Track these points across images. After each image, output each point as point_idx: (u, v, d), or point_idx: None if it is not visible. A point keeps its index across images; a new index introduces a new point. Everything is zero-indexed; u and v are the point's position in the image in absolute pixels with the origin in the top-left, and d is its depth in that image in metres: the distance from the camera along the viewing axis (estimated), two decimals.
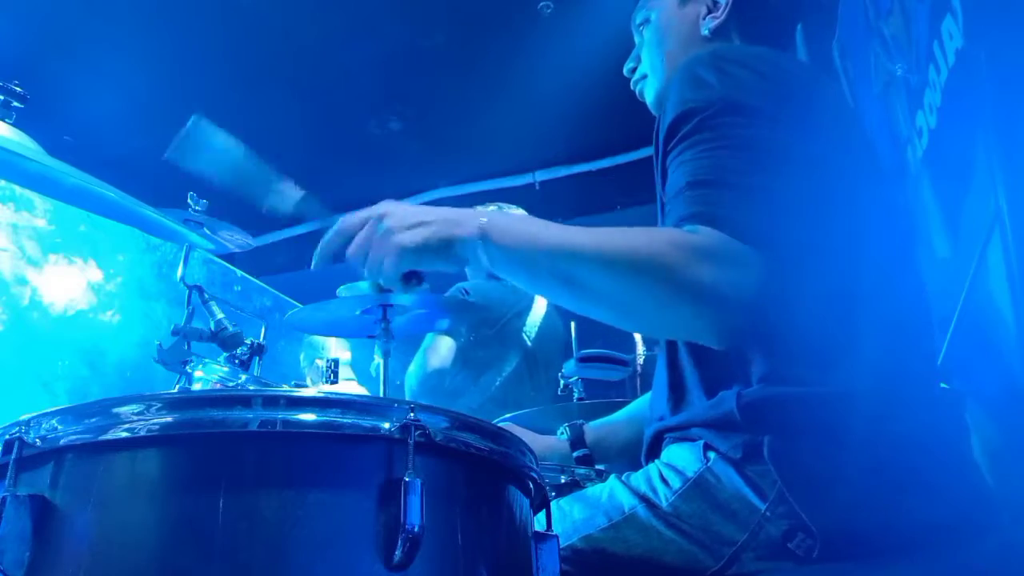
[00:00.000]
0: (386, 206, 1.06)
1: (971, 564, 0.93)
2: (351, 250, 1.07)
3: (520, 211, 3.15)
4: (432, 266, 1.04)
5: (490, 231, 1.00)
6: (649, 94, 1.38)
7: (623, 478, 1.09)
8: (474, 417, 0.84)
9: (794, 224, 0.99)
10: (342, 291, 2.05)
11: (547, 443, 1.59)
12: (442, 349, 3.06)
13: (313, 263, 1.12)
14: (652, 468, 1.07)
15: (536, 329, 3.25)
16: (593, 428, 1.61)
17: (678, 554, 0.98)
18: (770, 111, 1.02)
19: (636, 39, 1.40)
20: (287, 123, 4.01)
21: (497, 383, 3.12)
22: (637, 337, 2.73)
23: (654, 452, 1.12)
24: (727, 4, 1.28)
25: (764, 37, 1.26)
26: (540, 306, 3.24)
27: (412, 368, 3.09)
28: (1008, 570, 0.93)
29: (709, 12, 1.28)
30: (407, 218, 1.03)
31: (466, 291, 3.01)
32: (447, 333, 3.05)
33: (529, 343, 3.22)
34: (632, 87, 1.41)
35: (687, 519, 0.99)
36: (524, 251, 1.00)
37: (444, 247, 1.01)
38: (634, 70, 1.39)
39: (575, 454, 1.60)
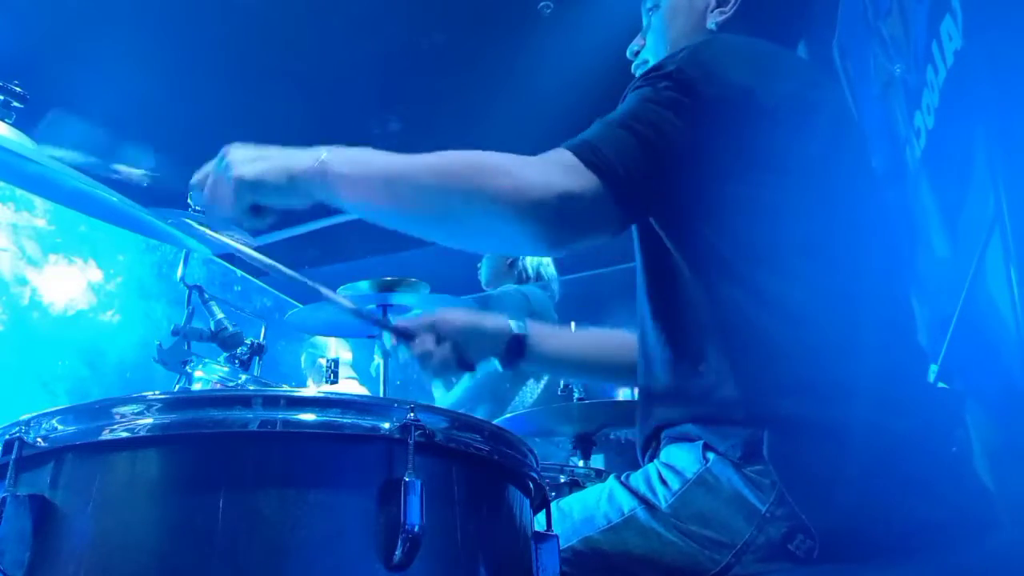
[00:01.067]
0: (232, 146, 1.06)
1: (970, 564, 0.93)
2: (201, 191, 1.08)
3: None
4: (274, 201, 1.04)
5: (330, 162, 0.99)
6: None
7: (622, 478, 1.09)
8: (474, 417, 0.84)
9: (749, 222, 1.02)
10: (342, 291, 2.05)
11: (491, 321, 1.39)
12: None
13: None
14: (651, 468, 1.07)
15: None
16: (546, 333, 1.43)
17: (678, 556, 0.98)
18: (719, 98, 1.03)
19: (644, 20, 1.40)
20: (287, 123, 4.01)
21: (539, 390, 3.10)
22: None
23: (652, 450, 1.12)
24: (735, 0, 1.28)
25: (769, 35, 1.26)
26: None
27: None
28: (1007, 570, 0.94)
29: (717, 6, 1.28)
30: (248, 154, 1.04)
31: (527, 296, 3.05)
32: None
33: None
34: (632, 69, 1.41)
35: (687, 521, 0.99)
36: (359, 175, 1.00)
37: (285, 180, 1.01)
38: (637, 53, 1.39)
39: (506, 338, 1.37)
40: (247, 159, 1.03)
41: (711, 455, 1.00)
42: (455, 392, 3.13)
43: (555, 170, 0.95)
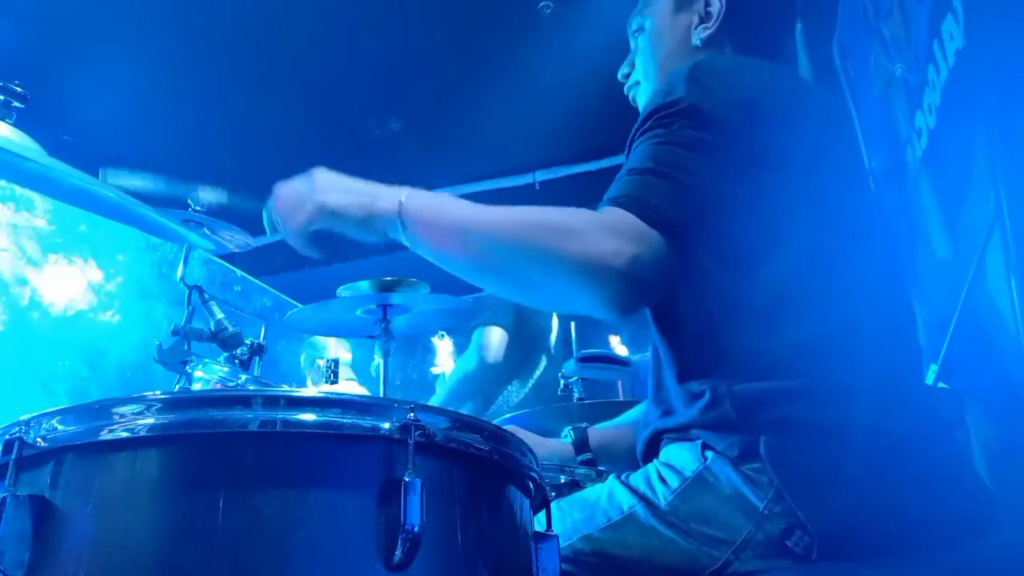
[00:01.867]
0: (319, 171, 1.11)
1: (967, 563, 0.93)
2: (277, 202, 1.12)
3: None
4: (349, 232, 1.08)
5: (407, 205, 1.03)
6: (641, 100, 1.40)
7: (622, 478, 1.10)
8: (474, 417, 0.84)
9: (749, 223, 1.03)
10: (342, 291, 2.05)
11: (551, 446, 1.60)
12: (495, 342, 3.03)
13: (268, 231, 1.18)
14: (651, 468, 1.07)
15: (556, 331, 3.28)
16: (598, 431, 1.61)
17: (677, 553, 0.99)
18: (727, 120, 1.04)
19: (631, 45, 1.42)
20: (287, 123, 4.01)
21: (525, 390, 3.11)
22: None
23: (652, 452, 1.13)
24: (719, 14, 1.29)
25: (756, 47, 1.27)
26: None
27: (464, 365, 3.05)
28: (1005, 570, 0.94)
29: (701, 21, 1.30)
30: (333, 182, 1.09)
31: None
32: (496, 323, 3.03)
33: (552, 345, 3.24)
34: (625, 92, 1.43)
35: (686, 518, 0.99)
36: (435, 223, 1.04)
37: (363, 216, 1.06)
38: (628, 76, 1.41)
39: (579, 458, 1.59)
40: (332, 188, 1.08)
41: (710, 454, 1.01)
42: (440, 393, 3.13)
43: (624, 234, 0.96)
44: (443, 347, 3.45)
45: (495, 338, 3.04)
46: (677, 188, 0.99)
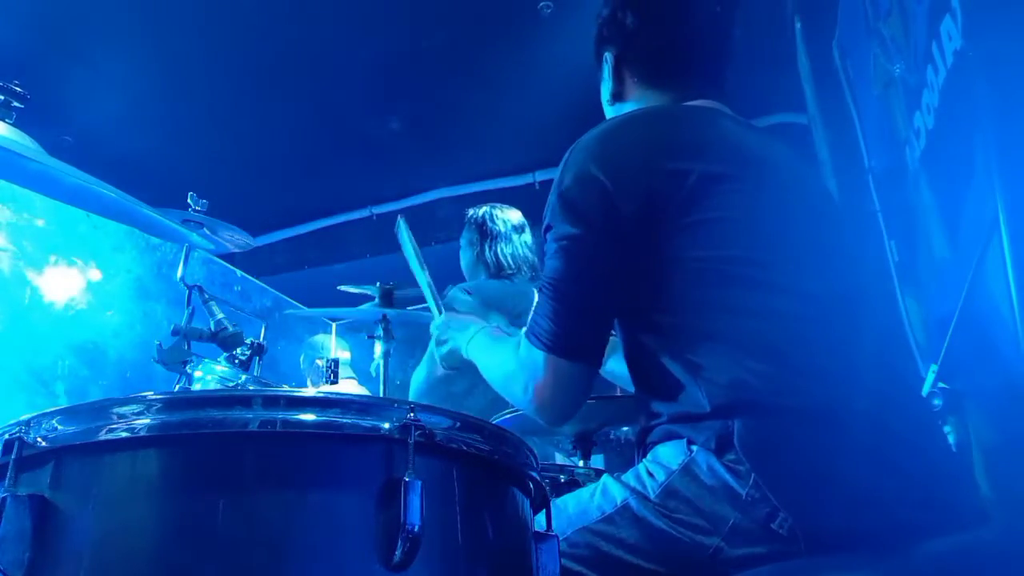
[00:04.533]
0: (440, 323, 1.62)
1: (967, 565, 0.94)
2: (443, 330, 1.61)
3: (515, 212, 3.14)
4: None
5: (470, 350, 1.46)
6: None
7: (615, 475, 1.13)
8: (474, 417, 0.84)
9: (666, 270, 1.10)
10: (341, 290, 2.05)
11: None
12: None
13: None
14: (640, 466, 1.11)
15: None
16: None
17: (669, 542, 1.01)
18: (603, 218, 1.11)
19: None
20: (287, 123, 4.01)
21: (493, 395, 3.06)
22: None
23: (643, 450, 1.15)
24: (609, 74, 1.36)
25: (664, 87, 1.29)
26: None
27: (419, 372, 3.03)
28: (1006, 570, 0.94)
29: (607, 79, 1.37)
30: (453, 323, 1.59)
31: (469, 291, 2.97)
32: None
33: None
34: None
35: (675, 508, 1.02)
36: (478, 361, 1.43)
37: (453, 353, 1.53)
38: None
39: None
40: (450, 327, 1.57)
41: (694, 447, 1.04)
42: (412, 390, 3.08)
43: (528, 371, 1.17)
44: None
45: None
46: (560, 300, 1.12)
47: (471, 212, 3.10)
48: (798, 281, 1.09)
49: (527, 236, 3.09)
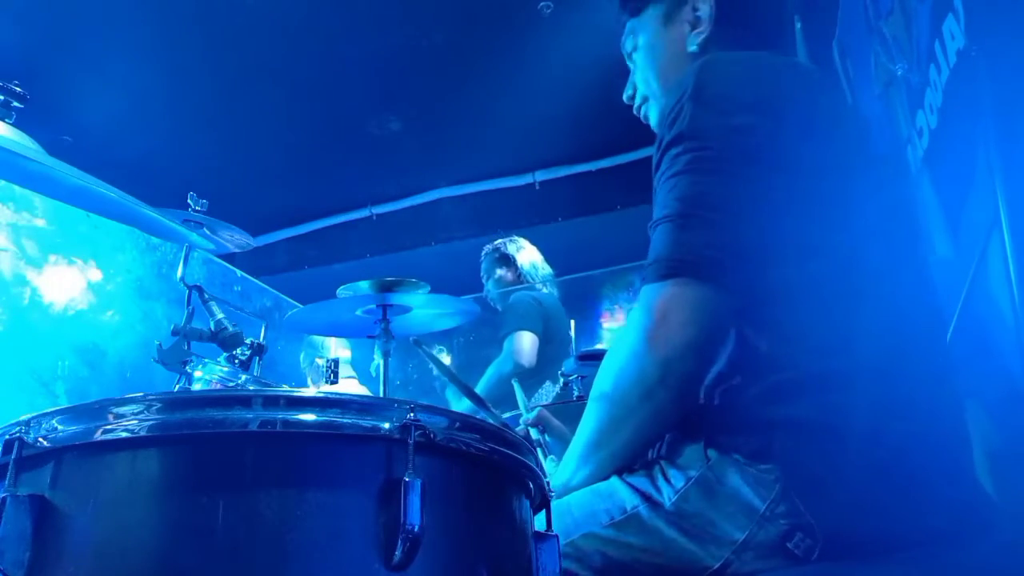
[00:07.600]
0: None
1: (968, 565, 0.93)
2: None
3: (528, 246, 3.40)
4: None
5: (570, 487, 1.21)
6: (652, 116, 1.41)
7: (623, 476, 1.10)
8: (474, 417, 0.84)
9: (775, 228, 1.03)
10: (342, 291, 2.05)
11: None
12: (527, 346, 3.19)
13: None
14: (655, 468, 1.08)
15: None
16: None
17: (679, 552, 0.99)
18: (743, 130, 1.05)
19: (630, 66, 1.43)
20: (287, 123, 4.01)
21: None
22: None
23: (656, 447, 1.13)
24: (709, 18, 1.29)
25: (752, 42, 1.27)
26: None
27: (499, 368, 3.19)
28: (1005, 572, 0.94)
29: (693, 28, 1.30)
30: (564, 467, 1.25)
31: (539, 301, 3.22)
32: (526, 329, 3.19)
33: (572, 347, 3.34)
34: (635, 112, 1.44)
35: (689, 518, 1.00)
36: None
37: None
38: (632, 96, 1.42)
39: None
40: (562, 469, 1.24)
41: (712, 453, 1.01)
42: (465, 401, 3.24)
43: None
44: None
45: (527, 343, 3.20)
46: (707, 226, 1.02)
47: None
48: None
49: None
